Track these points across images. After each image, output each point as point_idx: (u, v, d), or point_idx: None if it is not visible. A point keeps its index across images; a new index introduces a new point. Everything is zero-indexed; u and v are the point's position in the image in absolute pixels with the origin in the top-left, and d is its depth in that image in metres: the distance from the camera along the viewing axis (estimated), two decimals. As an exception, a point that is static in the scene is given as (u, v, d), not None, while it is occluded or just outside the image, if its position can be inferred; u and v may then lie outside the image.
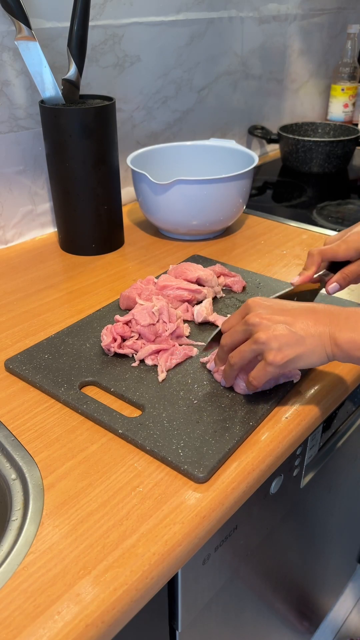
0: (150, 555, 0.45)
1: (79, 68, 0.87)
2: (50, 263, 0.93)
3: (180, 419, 0.58)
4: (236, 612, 0.76)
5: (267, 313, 0.55)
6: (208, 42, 1.21)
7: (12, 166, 0.95)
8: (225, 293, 0.82)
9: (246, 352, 0.56)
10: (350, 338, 0.52)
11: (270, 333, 0.54)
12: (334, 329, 0.53)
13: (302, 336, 0.53)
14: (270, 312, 0.55)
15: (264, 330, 0.54)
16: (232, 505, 0.51)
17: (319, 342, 0.53)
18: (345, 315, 0.54)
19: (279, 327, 0.54)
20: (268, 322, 0.54)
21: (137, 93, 1.11)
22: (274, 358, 0.53)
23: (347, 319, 0.53)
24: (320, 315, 0.54)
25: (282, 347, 0.53)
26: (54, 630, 0.40)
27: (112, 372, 0.65)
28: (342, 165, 1.38)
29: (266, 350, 0.54)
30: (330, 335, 0.53)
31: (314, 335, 0.53)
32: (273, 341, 0.53)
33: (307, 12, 1.47)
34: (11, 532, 0.48)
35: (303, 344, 0.53)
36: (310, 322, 0.54)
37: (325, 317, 0.54)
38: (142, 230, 1.06)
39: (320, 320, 0.54)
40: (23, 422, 0.59)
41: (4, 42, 0.87)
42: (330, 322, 0.53)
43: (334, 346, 0.53)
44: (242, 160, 1.03)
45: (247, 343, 0.56)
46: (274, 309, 0.55)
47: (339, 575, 1.29)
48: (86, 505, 0.49)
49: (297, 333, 0.53)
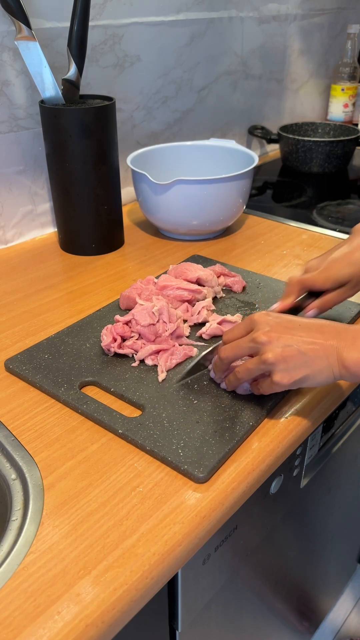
0: (150, 555, 0.45)
1: (79, 68, 0.87)
2: (50, 263, 0.93)
3: (180, 419, 0.58)
4: (236, 612, 0.76)
5: (274, 331, 0.55)
6: (208, 42, 1.21)
7: (12, 166, 0.95)
8: (225, 293, 0.82)
9: (253, 370, 0.56)
10: (357, 359, 0.52)
11: (278, 354, 0.53)
12: (342, 350, 0.53)
13: (310, 357, 0.53)
14: (277, 331, 0.55)
15: (272, 351, 0.54)
16: (232, 505, 0.51)
17: (326, 364, 0.53)
18: (352, 335, 0.54)
19: (287, 348, 0.53)
20: (277, 343, 0.54)
21: (137, 93, 1.11)
22: (281, 379, 0.54)
23: (354, 340, 0.53)
24: (328, 335, 0.54)
25: (289, 368, 0.53)
26: (54, 630, 0.40)
27: (112, 372, 0.65)
28: (342, 165, 1.38)
29: (274, 371, 0.54)
30: (338, 356, 0.53)
31: (322, 357, 0.53)
32: (281, 363, 0.53)
33: (307, 12, 1.47)
34: (11, 532, 0.48)
35: (310, 365, 0.53)
36: (317, 343, 0.54)
37: (332, 338, 0.54)
38: (142, 230, 1.06)
39: (327, 339, 0.54)
40: (23, 422, 0.59)
41: (4, 42, 0.87)
42: (338, 343, 0.53)
43: (341, 367, 0.53)
44: (242, 160, 1.03)
45: (255, 362, 0.55)
46: (281, 327, 0.55)
47: (339, 575, 1.29)
48: (86, 505, 0.49)
49: (306, 354, 0.53)
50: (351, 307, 0.76)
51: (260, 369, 0.55)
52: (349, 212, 1.17)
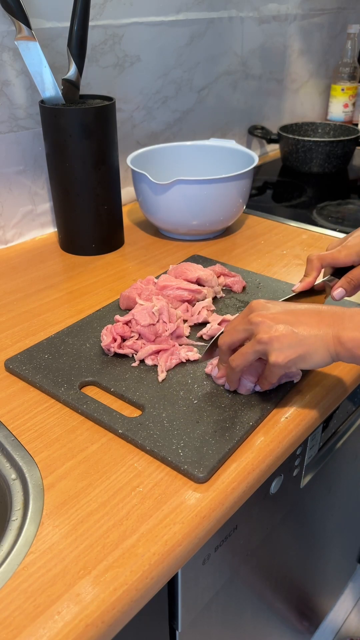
0: (150, 555, 0.45)
1: (79, 68, 0.87)
2: (50, 263, 0.93)
3: (180, 419, 0.58)
4: (236, 612, 0.76)
5: (270, 313, 0.54)
6: (208, 42, 1.21)
7: (12, 166, 0.95)
8: (225, 293, 0.82)
9: (248, 353, 0.55)
10: (354, 337, 0.51)
11: (272, 333, 0.53)
12: (338, 328, 0.52)
13: (304, 336, 0.53)
14: (272, 312, 0.55)
15: (266, 331, 0.53)
16: (232, 506, 0.51)
17: (322, 342, 0.52)
18: (350, 315, 0.53)
19: (280, 327, 0.53)
20: (270, 322, 0.54)
21: (137, 93, 1.11)
22: (277, 359, 0.53)
23: (352, 317, 0.53)
24: (324, 315, 0.54)
25: (283, 347, 0.53)
26: (54, 630, 0.40)
27: (112, 372, 0.65)
28: (342, 165, 1.38)
29: (269, 351, 0.53)
30: (334, 335, 0.52)
31: (317, 335, 0.52)
32: (275, 341, 0.53)
33: (307, 12, 1.47)
34: (11, 532, 0.48)
35: (305, 343, 0.53)
36: (313, 322, 0.53)
37: (329, 317, 0.53)
38: (142, 230, 1.06)
39: (324, 319, 0.53)
40: (23, 422, 0.59)
41: (4, 42, 0.87)
42: (334, 322, 0.53)
43: (337, 345, 0.52)
44: (242, 160, 1.03)
45: (249, 344, 0.55)
46: (276, 310, 0.55)
47: (339, 575, 1.29)
48: (86, 505, 0.49)
49: (300, 333, 0.53)
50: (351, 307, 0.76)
51: (255, 350, 0.54)
52: (349, 212, 1.17)
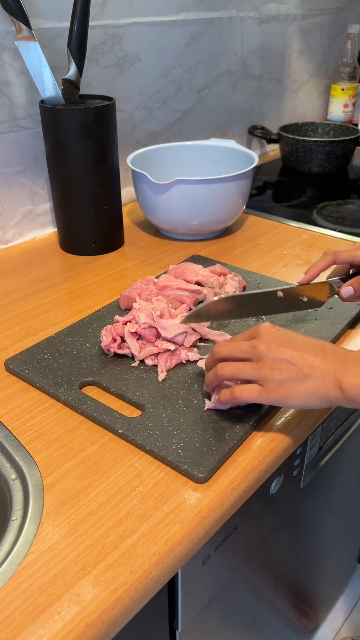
0: (150, 555, 0.45)
1: (79, 68, 0.87)
2: (50, 263, 0.93)
3: (180, 419, 0.58)
4: (236, 612, 0.76)
5: (275, 343, 0.53)
6: (208, 42, 1.21)
7: (12, 166, 0.95)
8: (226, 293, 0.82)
9: (243, 372, 0.54)
10: (355, 383, 0.50)
11: (275, 366, 0.52)
12: (340, 373, 0.51)
13: (305, 374, 0.51)
14: (278, 343, 0.53)
15: (269, 362, 0.52)
16: (232, 506, 0.51)
17: (321, 385, 0.51)
18: (354, 359, 0.52)
19: (283, 362, 0.52)
20: (275, 354, 0.52)
21: (137, 93, 1.11)
22: (272, 392, 0.52)
23: (355, 363, 0.51)
24: (329, 355, 0.52)
25: (284, 382, 0.52)
26: (54, 630, 0.40)
27: (112, 372, 0.65)
28: (342, 165, 1.38)
29: (267, 381, 0.52)
30: (336, 379, 0.51)
31: (318, 377, 0.51)
32: (277, 374, 0.52)
33: (307, 12, 1.47)
34: (11, 532, 0.48)
35: (305, 382, 0.51)
36: (317, 363, 0.52)
37: (332, 359, 0.52)
38: (142, 230, 1.06)
39: (328, 361, 0.52)
40: (23, 422, 0.59)
41: (4, 42, 0.87)
42: (338, 365, 0.51)
43: (337, 391, 0.51)
44: (242, 160, 1.03)
45: (249, 366, 0.54)
46: (283, 340, 0.54)
47: (339, 575, 1.29)
48: (86, 505, 0.49)
49: (302, 371, 0.51)
50: (351, 306, 0.76)
51: (252, 375, 0.53)
52: (349, 212, 1.17)
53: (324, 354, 0.52)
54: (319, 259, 0.65)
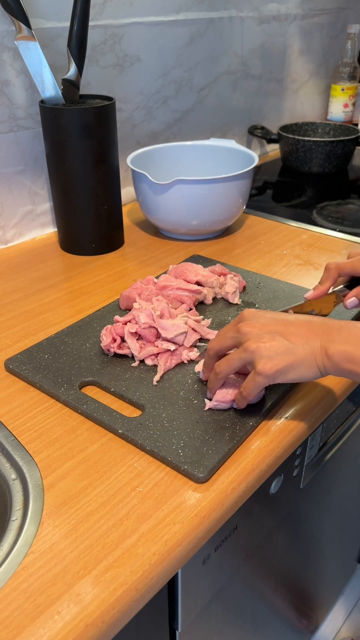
0: (150, 555, 0.45)
1: (79, 68, 0.87)
2: (50, 263, 0.93)
3: (180, 419, 0.58)
4: (236, 612, 0.76)
5: (259, 322, 0.54)
6: (208, 42, 1.21)
7: (12, 166, 0.95)
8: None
9: (234, 360, 0.54)
10: (341, 350, 0.50)
11: (260, 342, 0.52)
12: (326, 340, 0.51)
13: (293, 346, 0.52)
14: (262, 321, 0.54)
15: (254, 339, 0.53)
16: (232, 506, 0.51)
17: (309, 353, 0.51)
18: (339, 327, 0.52)
19: (269, 336, 0.52)
20: (259, 331, 0.53)
21: (137, 93, 1.11)
22: (263, 367, 0.52)
23: (340, 330, 0.52)
24: (314, 326, 0.53)
25: (271, 356, 0.52)
26: (54, 630, 0.40)
27: (112, 372, 0.65)
28: (342, 165, 1.38)
29: (256, 359, 0.52)
30: (322, 347, 0.51)
31: (305, 346, 0.52)
32: (263, 350, 0.52)
33: (307, 12, 1.47)
34: (11, 532, 0.48)
35: (293, 353, 0.52)
36: (302, 333, 0.52)
37: (318, 328, 0.52)
38: (142, 230, 1.06)
39: (313, 330, 0.52)
40: (23, 422, 0.59)
41: (4, 42, 0.87)
42: (323, 334, 0.52)
43: (324, 357, 0.51)
44: (242, 160, 1.03)
45: (236, 352, 0.54)
46: (266, 319, 0.54)
47: (339, 575, 1.29)
48: (86, 505, 0.49)
49: (288, 343, 0.52)
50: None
51: (241, 358, 0.54)
52: (349, 212, 1.17)
53: (309, 324, 0.53)
54: (324, 275, 0.65)
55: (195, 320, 0.70)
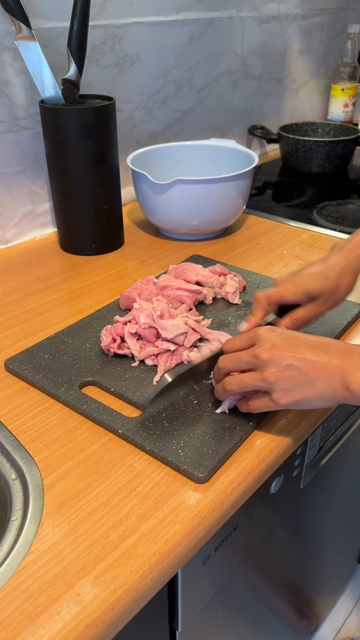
0: (150, 555, 0.45)
1: (79, 68, 0.87)
2: (50, 263, 0.93)
3: (180, 419, 0.58)
4: (236, 612, 0.76)
5: (277, 349, 0.53)
6: (208, 42, 1.21)
7: (12, 166, 0.95)
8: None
9: (249, 385, 0.54)
10: None
11: (279, 374, 0.51)
12: (346, 372, 0.50)
13: (312, 378, 0.51)
14: (280, 349, 0.53)
15: (273, 370, 0.52)
16: (232, 506, 0.51)
17: (328, 386, 0.51)
18: (358, 356, 0.51)
19: (288, 368, 0.51)
20: (278, 361, 0.52)
21: (137, 93, 1.11)
22: (280, 399, 0.52)
23: None
24: (333, 355, 0.52)
25: (290, 389, 0.51)
26: (54, 630, 0.40)
27: (112, 372, 0.65)
28: (342, 165, 1.38)
29: (274, 390, 0.52)
30: (342, 378, 0.50)
31: (324, 379, 0.51)
32: (282, 382, 0.51)
33: (307, 12, 1.47)
34: (11, 532, 0.48)
35: (312, 386, 0.51)
36: (321, 363, 0.51)
37: (337, 358, 0.51)
38: (142, 230, 1.06)
39: (332, 359, 0.51)
40: (23, 422, 0.59)
41: (4, 42, 0.87)
42: (343, 364, 0.51)
43: (345, 390, 0.50)
44: (242, 160, 1.03)
45: (253, 377, 0.53)
46: (285, 345, 0.53)
47: (339, 575, 1.29)
48: (86, 505, 0.49)
49: (307, 375, 0.51)
50: (351, 307, 0.76)
51: (257, 385, 0.53)
52: (349, 212, 1.17)
53: (328, 353, 0.52)
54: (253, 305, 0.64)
55: (196, 321, 0.70)
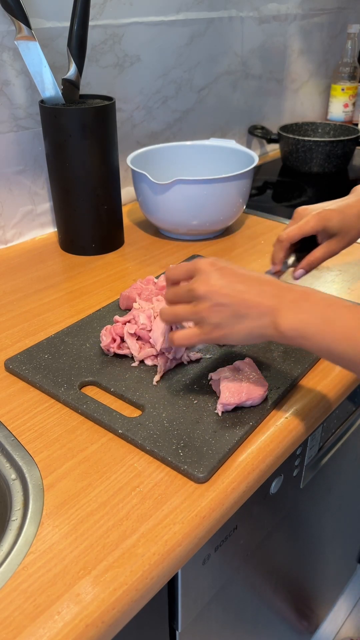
0: (150, 555, 0.45)
1: (79, 68, 0.87)
2: (50, 263, 0.93)
3: (180, 419, 0.58)
4: (236, 612, 0.76)
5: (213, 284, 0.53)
6: (208, 42, 1.21)
7: (12, 166, 0.95)
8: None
9: (181, 316, 0.56)
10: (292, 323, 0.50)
11: (211, 308, 0.53)
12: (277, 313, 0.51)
13: (242, 315, 0.52)
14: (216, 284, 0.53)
15: (206, 305, 0.53)
16: (232, 505, 0.51)
17: (258, 324, 0.52)
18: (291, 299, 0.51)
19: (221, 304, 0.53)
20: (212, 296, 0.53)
21: (137, 93, 1.11)
22: (209, 333, 0.54)
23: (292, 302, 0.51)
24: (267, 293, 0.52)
25: (220, 324, 0.53)
26: (54, 630, 0.40)
27: (112, 372, 0.65)
28: (342, 165, 1.38)
29: (204, 324, 0.54)
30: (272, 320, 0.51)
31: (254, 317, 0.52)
32: (213, 317, 0.53)
33: (307, 12, 1.47)
34: (11, 532, 0.48)
35: (242, 323, 0.52)
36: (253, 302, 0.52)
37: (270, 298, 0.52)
38: (142, 230, 1.06)
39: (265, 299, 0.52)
40: (23, 422, 0.59)
41: (4, 42, 0.87)
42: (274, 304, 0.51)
43: (274, 330, 0.51)
44: (242, 160, 1.03)
45: (187, 310, 0.55)
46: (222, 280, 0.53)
47: (339, 575, 1.29)
48: (86, 505, 0.49)
49: (239, 311, 0.52)
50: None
51: (188, 318, 0.56)
52: (349, 212, 1.17)
53: (262, 292, 0.53)
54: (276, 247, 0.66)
55: None
